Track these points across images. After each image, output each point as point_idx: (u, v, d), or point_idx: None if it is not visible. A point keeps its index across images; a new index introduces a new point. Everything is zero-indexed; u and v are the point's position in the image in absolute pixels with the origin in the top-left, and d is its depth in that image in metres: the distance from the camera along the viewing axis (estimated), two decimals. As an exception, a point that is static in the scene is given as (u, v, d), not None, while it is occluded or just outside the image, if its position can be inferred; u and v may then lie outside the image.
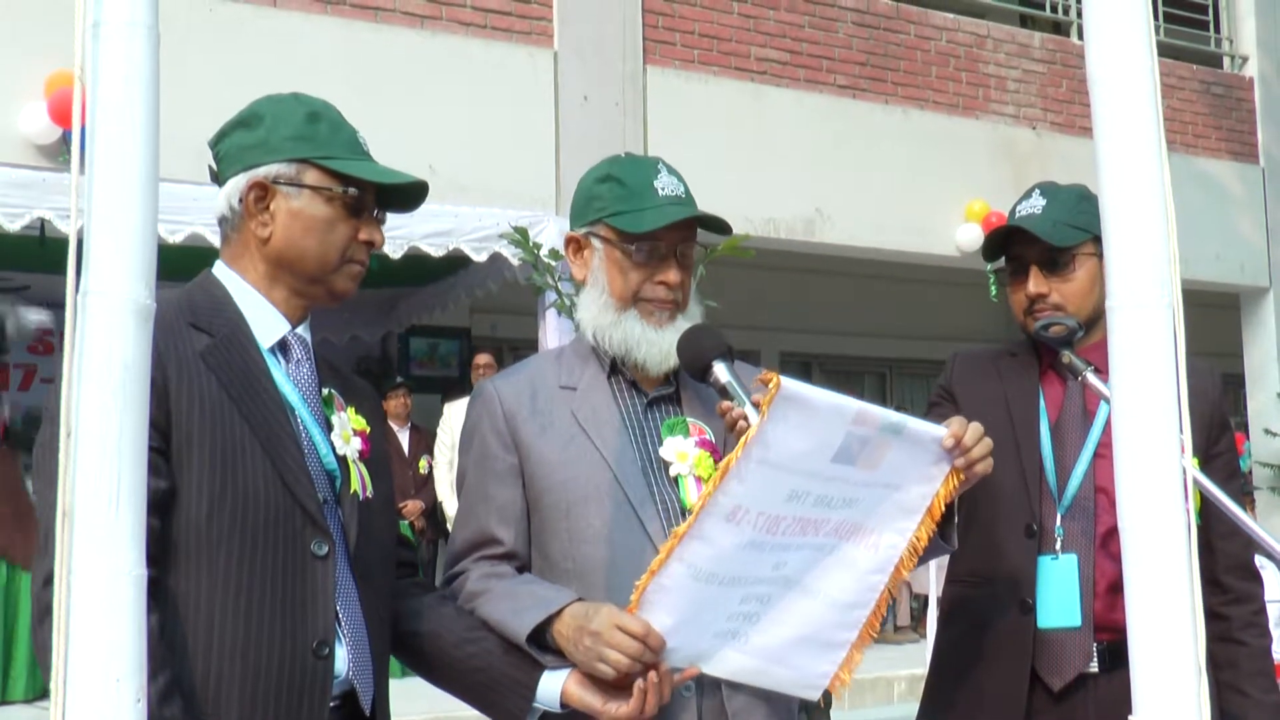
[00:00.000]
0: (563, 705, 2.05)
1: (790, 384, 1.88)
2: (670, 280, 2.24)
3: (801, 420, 1.89)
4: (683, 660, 2.05)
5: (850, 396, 1.98)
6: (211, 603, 1.81)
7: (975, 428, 2.10)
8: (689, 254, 2.28)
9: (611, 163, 2.33)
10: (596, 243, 2.28)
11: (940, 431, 2.06)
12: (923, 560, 2.21)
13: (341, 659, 1.92)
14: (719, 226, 2.28)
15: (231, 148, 2.03)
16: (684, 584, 1.97)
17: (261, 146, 2.00)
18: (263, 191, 1.99)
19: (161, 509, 1.79)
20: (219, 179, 2.05)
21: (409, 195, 2.11)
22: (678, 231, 2.23)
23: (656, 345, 2.23)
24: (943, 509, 2.11)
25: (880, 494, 2.06)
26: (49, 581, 1.72)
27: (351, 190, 2.01)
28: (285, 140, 2.00)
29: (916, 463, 2.06)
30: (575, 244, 2.33)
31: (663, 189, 2.24)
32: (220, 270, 2.04)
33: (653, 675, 1.99)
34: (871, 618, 2.15)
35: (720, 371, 2.13)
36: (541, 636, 2.06)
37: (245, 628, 1.82)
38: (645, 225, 2.20)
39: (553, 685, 2.05)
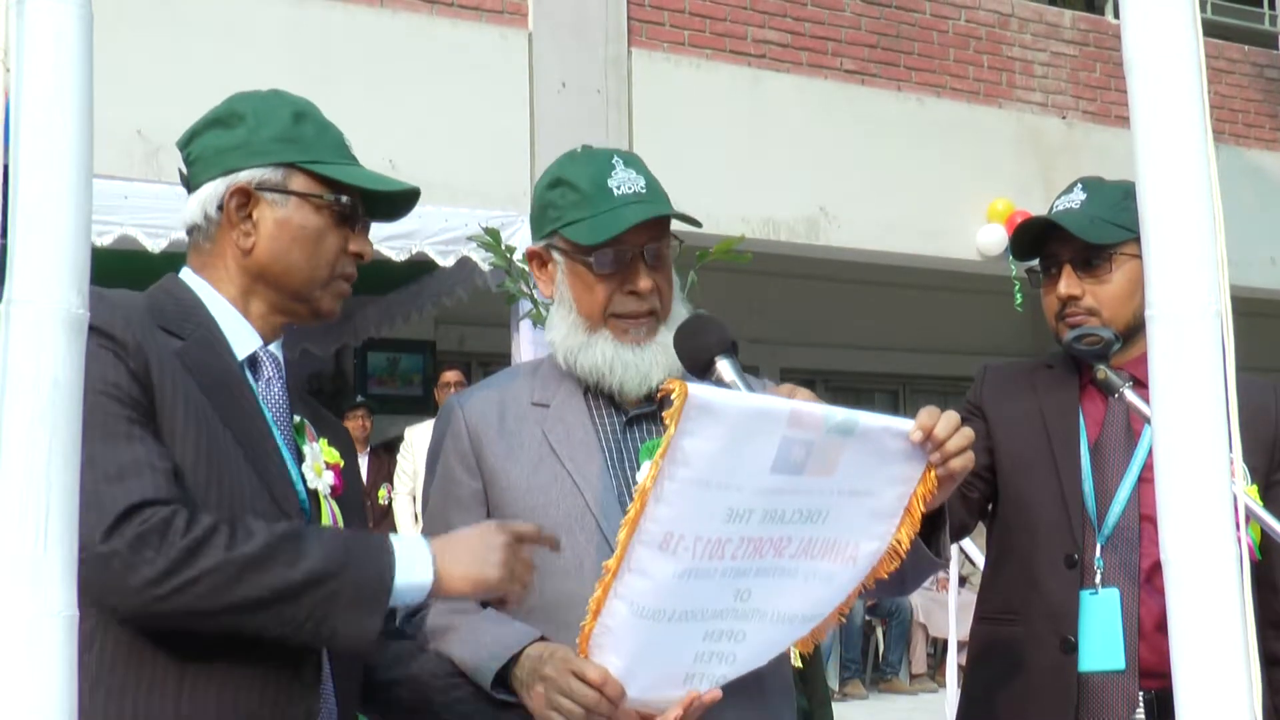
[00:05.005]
0: None
1: (700, 391, 1.83)
2: (641, 288, 2.22)
3: (721, 431, 1.84)
4: (652, 709, 2.02)
5: (785, 398, 1.94)
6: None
7: (949, 416, 2.02)
8: (662, 254, 2.26)
9: (562, 164, 2.32)
10: (558, 255, 2.28)
11: (905, 425, 1.99)
12: (914, 579, 2.18)
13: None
14: (687, 220, 2.26)
15: (207, 149, 2.03)
16: (629, 623, 1.94)
17: (243, 148, 2.00)
18: (245, 198, 1.99)
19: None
20: (190, 183, 2.05)
21: (395, 204, 2.14)
22: (643, 232, 2.21)
23: (634, 367, 2.22)
24: (922, 508, 2.05)
25: (847, 502, 2.00)
26: None
27: (344, 198, 2.03)
28: (269, 142, 2.00)
29: (883, 463, 2.00)
30: (538, 258, 2.34)
31: (619, 188, 2.22)
32: (188, 276, 2.04)
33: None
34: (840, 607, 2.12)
35: (725, 370, 2.08)
36: (505, 677, 2.07)
37: (229, 667, 1.81)
38: (601, 235, 2.18)
39: None
